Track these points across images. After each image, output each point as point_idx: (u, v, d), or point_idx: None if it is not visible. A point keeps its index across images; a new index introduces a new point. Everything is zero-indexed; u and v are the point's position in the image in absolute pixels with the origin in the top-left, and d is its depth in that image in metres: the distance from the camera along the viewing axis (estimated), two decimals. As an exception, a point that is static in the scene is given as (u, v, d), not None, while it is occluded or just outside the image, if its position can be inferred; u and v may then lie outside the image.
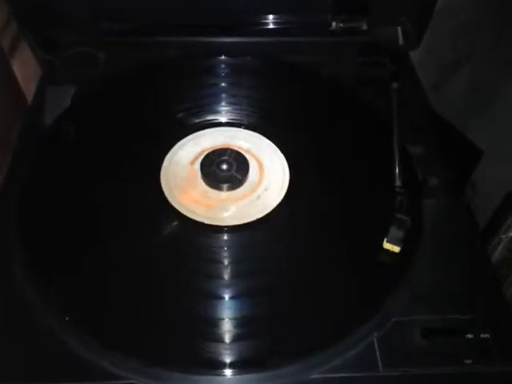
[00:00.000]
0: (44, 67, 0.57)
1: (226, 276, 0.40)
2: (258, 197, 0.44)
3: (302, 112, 0.51)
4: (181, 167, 0.46)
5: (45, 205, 0.43)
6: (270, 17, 0.56)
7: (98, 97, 0.52)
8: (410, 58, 0.58)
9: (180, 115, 0.50)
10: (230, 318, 0.37)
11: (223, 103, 0.52)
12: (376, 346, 0.36)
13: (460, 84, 0.66)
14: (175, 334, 0.36)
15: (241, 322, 0.37)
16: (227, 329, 0.36)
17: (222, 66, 0.55)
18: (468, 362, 0.35)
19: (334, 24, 0.55)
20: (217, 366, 0.34)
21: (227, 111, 0.51)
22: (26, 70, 0.59)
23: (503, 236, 0.57)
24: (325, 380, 0.35)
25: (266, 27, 0.56)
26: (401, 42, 0.55)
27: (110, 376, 0.34)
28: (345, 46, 0.56)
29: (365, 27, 0.53)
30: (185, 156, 0.47)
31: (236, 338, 0.36)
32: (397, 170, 0.43)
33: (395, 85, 0.49)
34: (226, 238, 0.42)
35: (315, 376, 0.35)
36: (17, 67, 0.59)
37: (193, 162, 0.47)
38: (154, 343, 0.35)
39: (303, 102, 0.52)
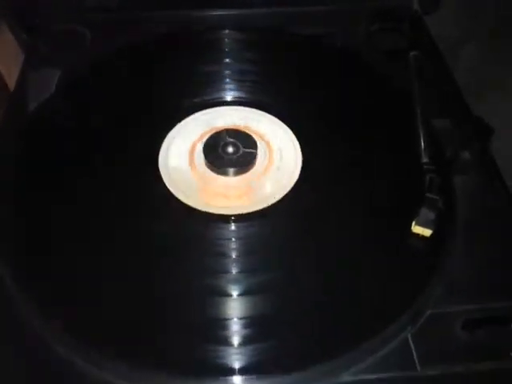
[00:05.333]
0: (26, 51, 0.52)
1: (238, 270, 0.35)
2: (269, 181, 0.40)
3: (314, 88, 0.46)
4: (181, 153, 0.42)
5: (30, 195, 0.39)
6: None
7: (85, 79, 0.47)
8: (428, 26, 0.53)
9: (178, 95, 0.46)
10: (246, 317, 0.33)
11: (227, 80, 0.47)
12: (411, 342, 0.32)
13: (465, 60, 0.62)
14: (180, 338, 0.32)
15: (253, 322, 0.32)
16: (238, 329, 0.32)
17: (226, 40, 0.50)
18: (515, 354, 0.32)
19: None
20: (226, 371, 0.30)
21: (230, 89, 0.46)
22: (7, 53, 0.54)
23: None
24: (356, 382, 0.31)
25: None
26: (416, 6, 0.51)
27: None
28: (356, 14, 0.51)
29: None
30: (185, 138, 0.43)
31: (248, 340, 0.32)
32: (422, 145, 0.39)
33: (414, 52, 0.45)
34: (233, 228, 0.37)
35: (345, 379, 0.31)
36: (-3, 52, 0.54)
37: (195, 145, 0.42)
38: (156, 349, 0.31)
39: (314, 78, 0.47)
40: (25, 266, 0.35)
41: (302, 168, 0.40)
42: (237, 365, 0.30)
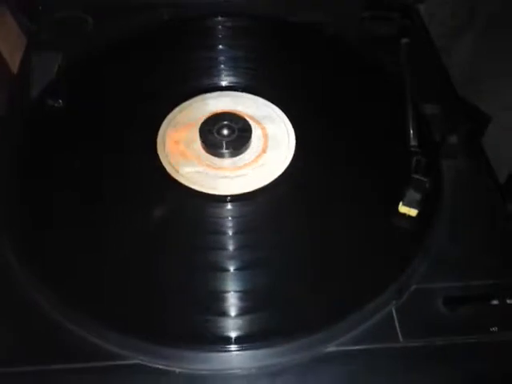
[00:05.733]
0: (29, 36, 0.54)
1: (233, 247, 0.37)
2: (263, 163, 0.41)
3: (307, 73, 0.47)
4: (179, 134, 0.43)
5: (35, 177, 0.40)
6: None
7: (87, 64, 0.49)
8: (420, 14, 0.54)
9: (177, 80, 0.47)
10: (238, 291, 0.34)
11: (223, 66, 0.48)
12: (395, 315, 0.34)
13: (463, 49, 0.63)
14: (179, 310, 0.33)
15: (251, 295, 0.34)
16: (234, 302, 0.34)
17: (220, 27, 0.51)
18: (494, 329, 0.33)
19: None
20: (225, 341, 0.32)
21: (227, 75, 0.48)
22: (9, 39, 0.55)
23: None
24: (341, 353, 0.32)
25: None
26: (409, -5, 0.52)
27: (115, 356, 0.32)
28: (350, 1, 0.52)
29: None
30: (183, 122, 0.44)
31: (244, 312, 0.33)
32: (411, 129, 0.40)
33: (405, 40, 0.46)
34: (229, 207, 0.39)
35: (331, 349, 0.32)
36: (0, 37, 0.55)
37: (191, 127, 0.44)
38: (157, 320, 0.33)
39: (307, 63, 0.48)
40: (31, 241, 0.36)
41: (295, 150, 0.42)
42: (232, 335, 0.32)
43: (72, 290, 0.34)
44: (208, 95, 0.46)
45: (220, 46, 0.50)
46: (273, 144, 0.43)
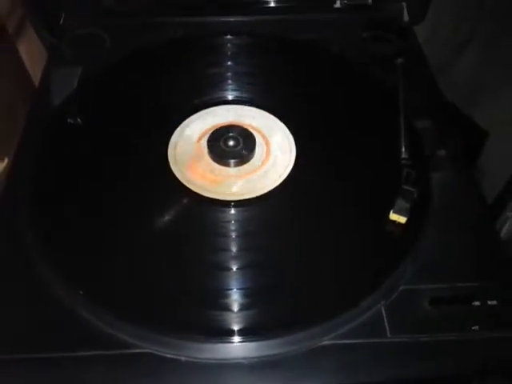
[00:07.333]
0: (50, 50, 0.57)
1: (235, 248, 0.40)
2: (265, 172, 0.45)
3: (308, 88, 0.51)
4: (188, 144, 0.47)
5: (54, 184, 0.44)
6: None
7: (104, 78, 0.52)
8: (416, 35, 0.58)
9: (187, 94, 0.51)
10: (239, 288, 0.37)
11: (230, 81, 0.52)
12: (384, 313, 0.37)
13: (464, 66, 0.66)
14: (188, 304, 0.36)
15: (251, 292, 0.37)
16: (237, 298, 0.37)
17: (228, 45, 0.55)
18: (475, 328, 0.36)
19: (338, 1, 0.55)
20: (227, 333, 0.35)
21: (234, 89, 0.51)
22: (32, 53, 0.59)
23: (510, 214, 0.57)
24: (334, 346, 0.35)
25: (270, 5, 0.56)
26: (406, 18, 0.55)
27: (128, 345, 0.35)
28: (350, 23, 0.55)
29: (370, 2, 0.53)
30: (192, 134, 0.48)
31: (246, 307, 0.36)
32: (403, 143, 0.44)
33: (400, 60, 0.50)
34: (232, 212, 0.42)
35: (325, 342, 0.35)
36: (23, 51, 0.59)
37: (200, 139, 0.47)
38: (166, 313, 0.36)
39: (309, 79, 0.52)
40: (51, 237, 0.40)
41: (296, 161, 0.45)
42: (235, 327, 0.35)
43: (89, 283, 0.37)
44: (216, 108, 0.50)
45: (228, 63, 0.53)
46: (275, 154, 0.46)
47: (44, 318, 0.36)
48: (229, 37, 0.55)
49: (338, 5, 0.56)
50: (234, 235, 0.41)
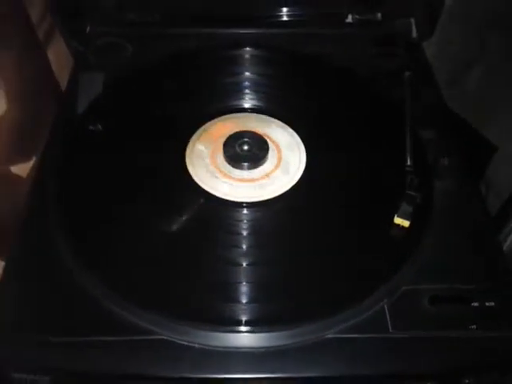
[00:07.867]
0: (76, 57, 0.61)
1: (248, 246, 0.43)
2: (276, 176, 0.47)
3: (318, 99, 0.54)
4: (204, 149, 0.50)
5: (79, 185, 0.46)
6: (287, 9, 0.59)
7: (127, 84, 0.55)
8: (424, 51, 0.60)
9: (205, 101, 0.54)
10: (250, 282, 0.40)
11: (246, 91, 0.55)
12: (387, 311, 0.39)
13: (473, 81, 0.68)
14: (202, 296, 0.39)
15: (261, 287, 0.40)
16: (248, 292, 0.40)
17: (246, 56, 0.58)
18: (472, 327, 0.38)
19: (349, 16, 0.58)
20: (239, 323, 0.37)
21: (250, 98, 0.54)
22: (59, 59, 0.63)
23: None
24: (338, 339, 0.38)
25: (282, 19, 0.59)
26: (414, 34, 0.58)
27: (145, 332, 0.37)
28: (359, 38, 0.58)
29: (379, 18, 0.56)
30: (208, 139, 0.50)
31: (257, 300, 0.39)
32: (408, 152, 0.46)
33: (407, 73, 0.52)
34: (245, 212, 0.45)
35: (330, 336, 0.38)
36: (52, 57, 0.63)
37: (215, 144, 0.50)
38: (182, 304, 0.38)
39: (319, 90, 0.55)
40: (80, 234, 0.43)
41: (306, 166, 0.48)
42: (244, 319, 0.38)
43: (112, 274, 0.40)
44: (234, 115, 0.53)
45: (247, 73, 0.56)
46: (286, 161, 0.49)
47: (72, 306, 0.39)
48: (246, 49, 0.58)
49: (349, 19, 0.59)
50: (245, 233, 0.44)
